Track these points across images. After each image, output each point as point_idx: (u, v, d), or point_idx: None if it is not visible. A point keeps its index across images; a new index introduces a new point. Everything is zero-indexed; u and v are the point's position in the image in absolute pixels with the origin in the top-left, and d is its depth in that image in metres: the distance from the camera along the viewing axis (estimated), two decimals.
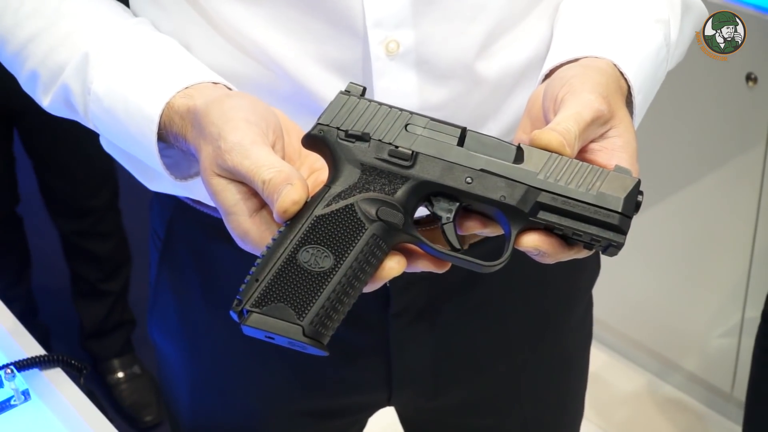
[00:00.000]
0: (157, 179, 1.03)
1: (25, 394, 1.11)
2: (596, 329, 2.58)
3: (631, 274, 2.51)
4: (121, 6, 0.98)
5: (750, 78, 2.04)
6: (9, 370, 1.10)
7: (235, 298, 0.73)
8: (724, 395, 2.42)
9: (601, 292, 2.53)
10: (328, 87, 0.93)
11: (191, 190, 1.01)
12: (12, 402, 1.10)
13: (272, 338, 0.73)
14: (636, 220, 0.77)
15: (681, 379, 2.52)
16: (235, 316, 0.74)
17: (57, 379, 1.13)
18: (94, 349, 2.67)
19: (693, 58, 1.06)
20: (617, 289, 2.53)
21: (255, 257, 0.76)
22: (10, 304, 1.31)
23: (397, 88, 0.94)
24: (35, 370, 1.13)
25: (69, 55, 0.92)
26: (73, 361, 1.15)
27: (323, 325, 0.72)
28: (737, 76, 2.06)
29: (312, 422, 1.16)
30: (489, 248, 0.83)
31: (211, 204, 1.00)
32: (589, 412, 2.44)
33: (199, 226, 1.07)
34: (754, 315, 1.99)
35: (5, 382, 1.10)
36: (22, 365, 1.12)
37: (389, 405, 1.19)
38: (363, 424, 1.28)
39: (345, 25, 0.92)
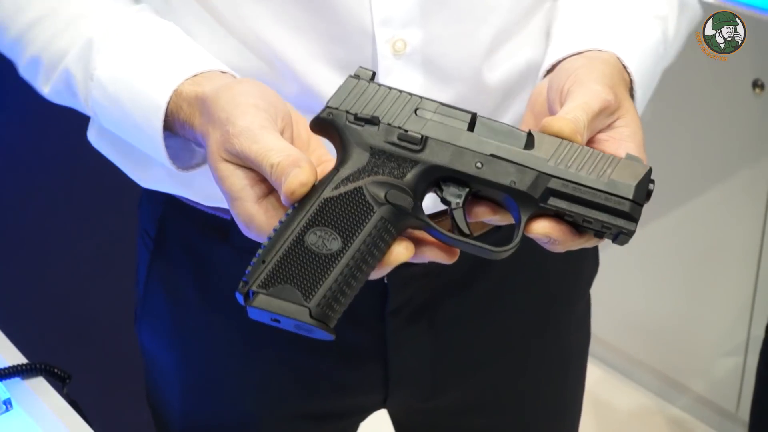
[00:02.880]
0: (150, 175, 1.02)
1: (7, 404, 1.09)
2: (599, 348, 2.59)
3: (635, 292, 2.51)
4: None
5: (757, 85, 2.04)
6: None
7: (241, 280, 0.73)
8: (729, 415, 2.41)
9: (604, 309, 2.50)
10: (333, 86, 0.92)
11: (188, 186, 1.00)
12: None
13: (278, 321, 0.72)
14: (638, 234, 0.77)
15: (685, 399, 2.51)
16: (240, 298, 0.73)
17: (39, 388, 1.12)
18: None
19: (698, 64, 1.06)
20: (621, 307, 2.53)
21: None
22: None
23: (403, 87, 0.93)
24: (17, 379, 1.12)
25: (72, 41, 0.92)
26: (55, 370, 1.13)
27: (330, 308, 0.72)
28: (744, 82, 2.05)
29: (305, 426, 1.15)
30: (495, 239, 0.83)
31: (206, 203, 1.00)
32: None
33: (193, 223, 1.05)
34: (760, 333, 1.99)
35: None
36: (4, 374, 1.11)
37: (384, 407, 1.18)
38: (355, 430, 1.26)
39: (352, 24, 0.92)
